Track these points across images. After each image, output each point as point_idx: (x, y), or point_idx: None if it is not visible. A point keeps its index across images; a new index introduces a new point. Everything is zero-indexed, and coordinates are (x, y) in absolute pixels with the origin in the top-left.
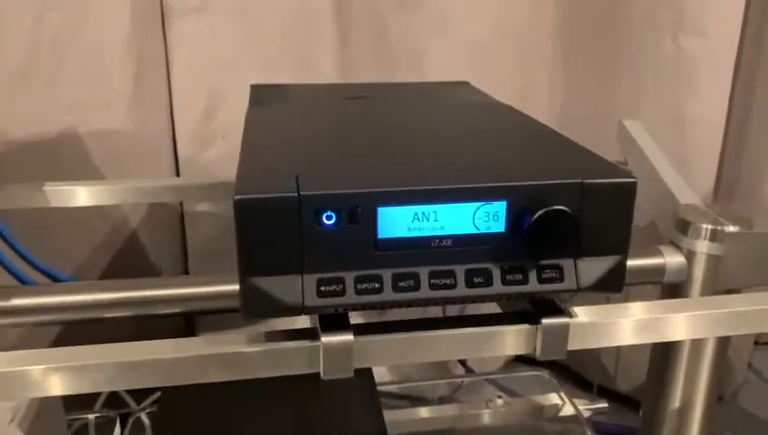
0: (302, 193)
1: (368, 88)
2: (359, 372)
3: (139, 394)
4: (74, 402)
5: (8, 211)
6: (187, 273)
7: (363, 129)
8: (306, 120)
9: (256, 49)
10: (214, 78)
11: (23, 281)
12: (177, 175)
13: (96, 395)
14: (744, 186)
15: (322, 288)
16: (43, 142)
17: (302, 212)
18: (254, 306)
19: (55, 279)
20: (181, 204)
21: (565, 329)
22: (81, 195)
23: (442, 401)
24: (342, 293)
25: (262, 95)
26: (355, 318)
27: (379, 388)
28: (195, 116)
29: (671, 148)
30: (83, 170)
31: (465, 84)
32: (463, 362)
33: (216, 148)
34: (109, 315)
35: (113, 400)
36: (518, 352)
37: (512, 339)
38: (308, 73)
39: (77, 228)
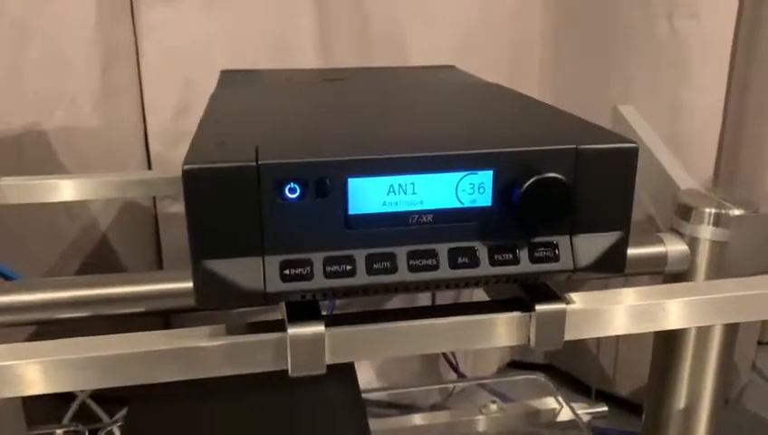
0: (261, 162)
1: (348, 72)
2: (340, 373)
3: (110, 406)
4: (40, 415)
5: None
6: None
7: (338, 105)
8: (275, 97)
9: (232, 39)
10: (187, 70)
11: None
12: None
13: (64, 407)
14: (744, 174)
15: (287, 271)
16: (4, 138)
17: (261, 184)
18: (209, 293)
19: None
20: (155, 204)
21: (561, 316)
22: (46, 190)
23: (434, 408)
24: (310, 276)
25: (231, 79)
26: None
27: (367, 395)
28: (167, 110)
29: (666, 136)
30: (49, 168)
31: (451, 68)
32: (455, 368)
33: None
34: (65, 316)
35: (83, 412)
36: (510, 343)
37: (503, 328)
38: (287, 64)
39: (45, 229)
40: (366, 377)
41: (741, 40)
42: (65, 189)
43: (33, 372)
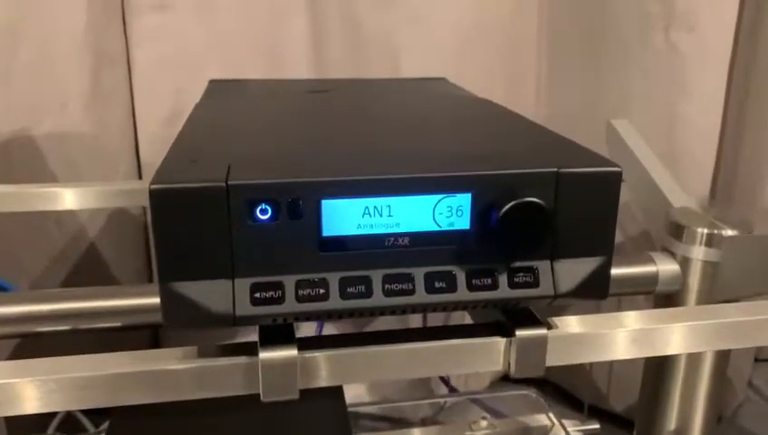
0: (230, 182)
1: (334, 83)
2: (326, 389)
3: (96, 417)
4: (23, 426)
5: None
6: None
7: (318, 121)
8: (256, 112)
9: (224, 47)
10: (178, 78)
11: None
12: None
13: (48, 418)
14: (742, 189)
15: (257, 295)
16: None
17: (231, 204)
18: (176, 316)
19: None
20: (144, 212)
21: (543, 342)
22: (34, 199)
23: (424, 422)
24: (281, 300)
25: (217, 89)
26: (331, 330)
27: (356, 409)
28: (158, 118)
29: (662, 150)
30: (38, 175)
31: (441, 80)
32: (446, 382)
33: None
34: (56, 329)
35: (67, 423)
36: (490, 369)
37: (482, 354)
38: (279, 72)
39: (32, 237)
40: (357, 391)
41: (739, 53)
42: (55, 198)
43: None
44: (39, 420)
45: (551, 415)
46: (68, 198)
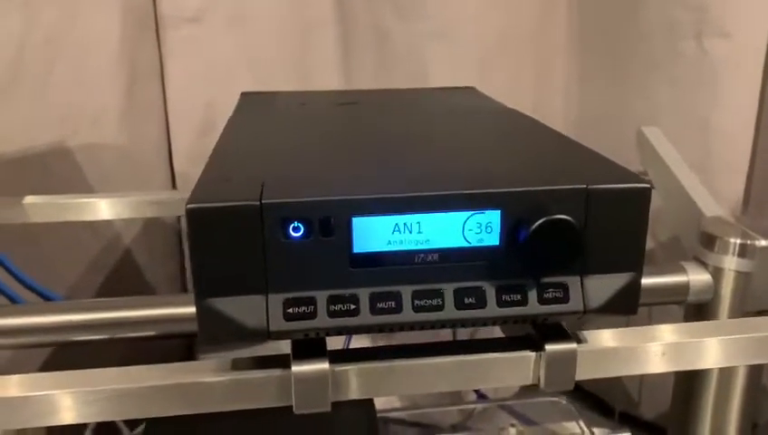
0: (264, 201)
1: (363, 94)
2: (358, 401)
3: (131, 421)
4: (60, 428)
5: None
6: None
7: (348, 135)
8: (288, 126)
9: (255, 60)
10: (211, 90)
11: (12, 299)
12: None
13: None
14: None
15: (290, 310)
16: (31, 156)
17: (265, 223)
18: (212, 331)
19: (45, 298)
20: (179, 221)
21: (572, 356)
22: (71, 209)
23: (454, 429)
24: (313, 315)
25: (249, 102)
26: (362, 342)
27: (387, 415)
28: (191, 129)
29: (693, 158)
30: (74, 186)
31: (470, 90)
32: (476, 389)
33: None
34: (91, 338)
35: (104, 426)
36: (519, 383)
37: (511, 368)
38: (308, 84)
39: (68, 246)
40: (387, 396)
41: None
42: (91, 208)
43: (33, 404)
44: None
45: (581, 423)
46: (104, 209)
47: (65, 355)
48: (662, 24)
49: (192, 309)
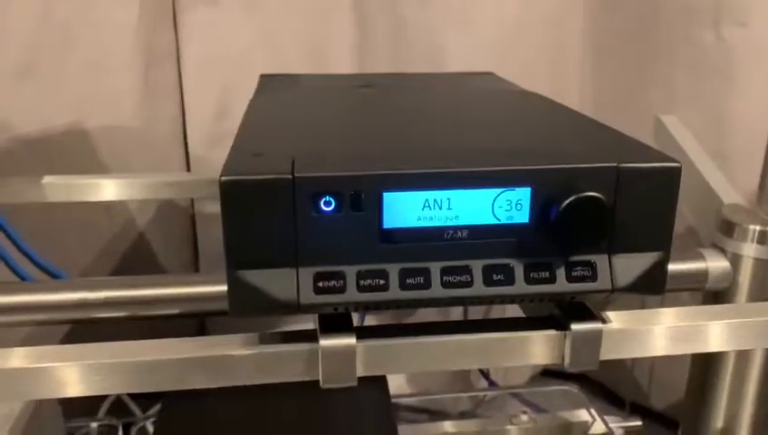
0: (297, 175)
1: (383, 77)
2: (371, 379)
3: (144, 401)
4: (76, 409)
5: (10, 206)
6: None
7: (373, 115)
8: (311, 106)
9: (271, 44)
10: (227, 74)
11: (23, 277)
12: None
13: (99, 402)
14: None
15: (320, 284)
16: (49, 137)
17: (296, 197)
18: (242, 303)
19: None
20: (192, 204)
21: (598, 336)
22: (86, 189)
23: (463, 415)
24: (342, 289)
25: (269, 84)
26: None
27: (397, 400)
28: (207, 113)
29: (709, 146)
30: (91, 167)
31: (489, 74)
32: (486, 375)
33: (229, 145)
34: (98, 316)
35: (117, 407)
36: (544, 362)
37: (536, 346)
38: (324, 68)
39: (83, 228)
40: (397, 382)
41: None
42: (105, 189)
43: (71, 374)
44: (89, 404)
45: (592, 411)
46: (119, 189)
47: (78, 336)
48: (680, 12)
49: (208, 289)
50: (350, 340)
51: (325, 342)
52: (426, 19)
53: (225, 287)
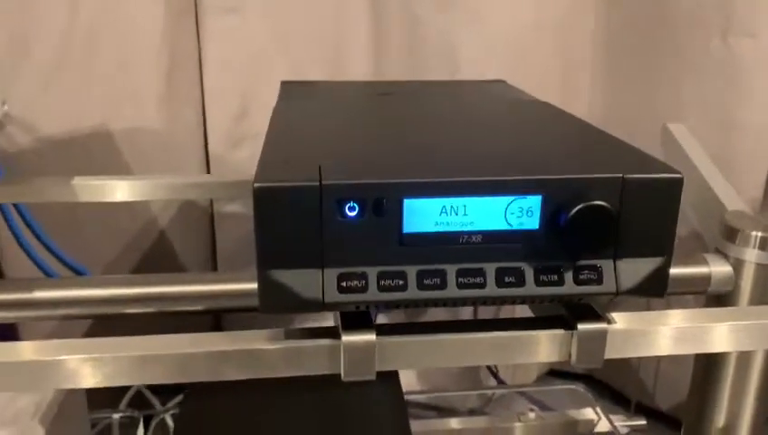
0: (324, 182)
1: (400, 85)
2: (385, 376)
3: (163, 395)
4: (99, 401)
5: (36, 205)
6: None
7: (392, 123)
8: (333, 113)
9: (290, 48)
10: (247, 77)
11: (47, 273)
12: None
13: (121, 394)
14: None
15: (344, 283)
16: (75, 138)
17: (323, 202)
18: (272, 301)
19: (79, 274)
20: (211, 204)
21: (603, 336)
22: (109, 190)
23: (472, 413)
24: (364, 289)
25: (291, 91)
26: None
27: (407, 397)
28: (227, 115)
29: (717, 155)
30: (114, 166)
31: (501, 82)
32: (494, 374)
33: (247, 147)
34: (130, 311)
35: (138, 400)
36: (551, 359)
37: (545, 345)
38: (341, 72)
39: (106, 227)
40: (407, 380)
41: None
42: (128, 190)
43: (104, 366)
44: (111, 396)
45: (598, 409)
46: (141, 190)
47: (99, 332)
48: (689, 22)
49: (227, 286)
50: (371, 336)
51: (347, 337)
52: (441, 22)
53: (247, 285)
